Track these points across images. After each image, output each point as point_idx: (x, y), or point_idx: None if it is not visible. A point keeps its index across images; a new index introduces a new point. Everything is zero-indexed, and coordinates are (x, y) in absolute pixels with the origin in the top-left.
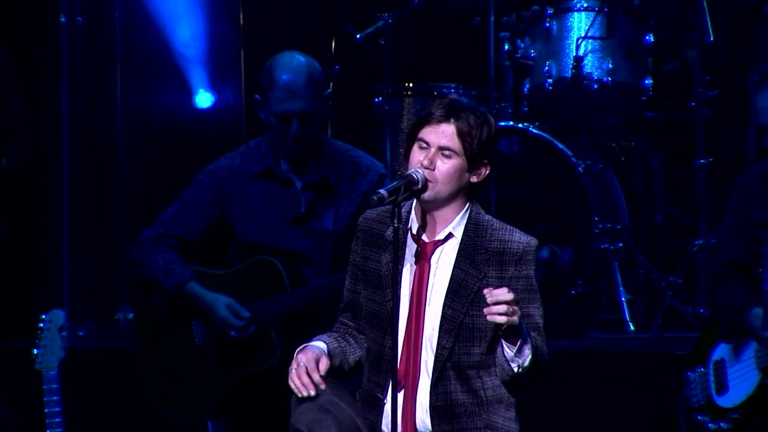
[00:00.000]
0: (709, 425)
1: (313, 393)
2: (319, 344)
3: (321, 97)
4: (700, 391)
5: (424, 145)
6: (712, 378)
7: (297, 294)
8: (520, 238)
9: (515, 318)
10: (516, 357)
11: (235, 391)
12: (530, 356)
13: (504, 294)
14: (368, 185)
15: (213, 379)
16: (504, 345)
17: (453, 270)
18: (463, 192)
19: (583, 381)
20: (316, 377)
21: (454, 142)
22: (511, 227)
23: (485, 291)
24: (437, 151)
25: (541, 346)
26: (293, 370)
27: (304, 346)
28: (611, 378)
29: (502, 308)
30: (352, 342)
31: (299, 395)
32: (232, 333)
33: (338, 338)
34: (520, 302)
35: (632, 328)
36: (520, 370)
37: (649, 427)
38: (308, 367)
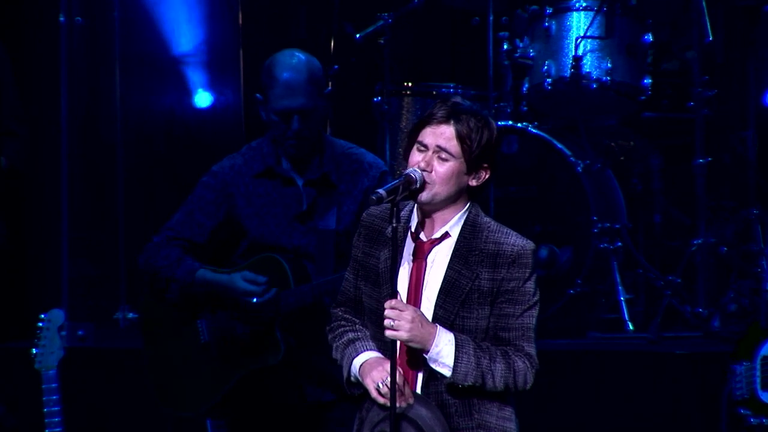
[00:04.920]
0: (751, 420)
1: (406, 404)
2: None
3: (321, 95)
4: (745, 384)
5: (422, 147)
6: (758, 373)
7: (301, 291)
8: (515, 241)
9: (399, 333)
10: (434, 365)
11: (238, 390)
12: (449, 371)
13: (388, 307)
14: (370, 182)
15: (216, 377)
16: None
17: (446, 270)
18: (463, 194)
19: (582, 381)
20: (407, 390)
21: (452, 144)
22: (509, 230)
23: (386, 304)
24: (434, 153)
25: (488, 364)
26: (382, 384)
27: (376, 359)
28: (610, 378)
29: (387, 321)
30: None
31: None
32: (254, 300)
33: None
34: (503, 303)
35: (631, 327)
36: (450, 380)
37: (648, 426)
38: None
